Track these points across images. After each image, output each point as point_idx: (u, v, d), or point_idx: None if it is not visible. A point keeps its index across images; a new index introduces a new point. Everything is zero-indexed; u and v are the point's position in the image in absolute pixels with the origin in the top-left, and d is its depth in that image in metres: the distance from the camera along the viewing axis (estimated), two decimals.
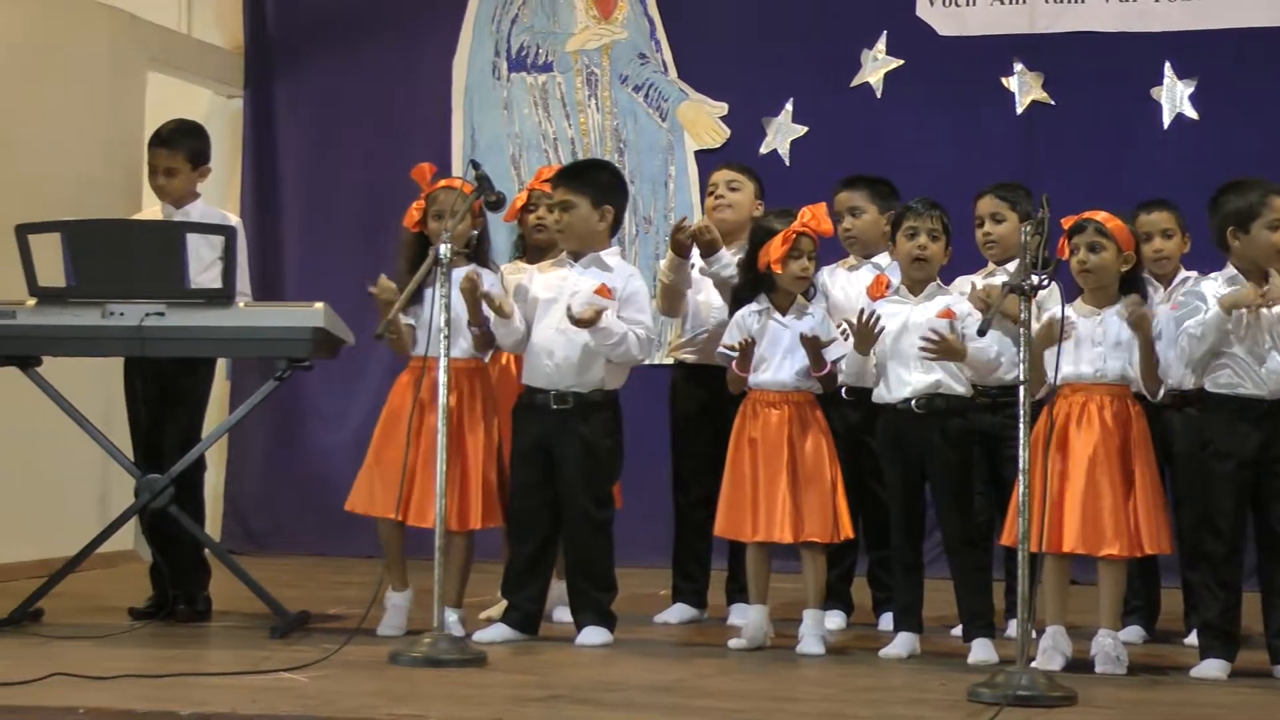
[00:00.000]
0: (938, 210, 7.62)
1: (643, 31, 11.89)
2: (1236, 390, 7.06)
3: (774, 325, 7.74)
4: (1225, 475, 7.14)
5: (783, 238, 7.65)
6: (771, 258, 7.67)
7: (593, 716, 5.85)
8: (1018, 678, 6.30)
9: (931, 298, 7.58)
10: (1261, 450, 7.09)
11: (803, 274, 7.73)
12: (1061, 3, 11.33)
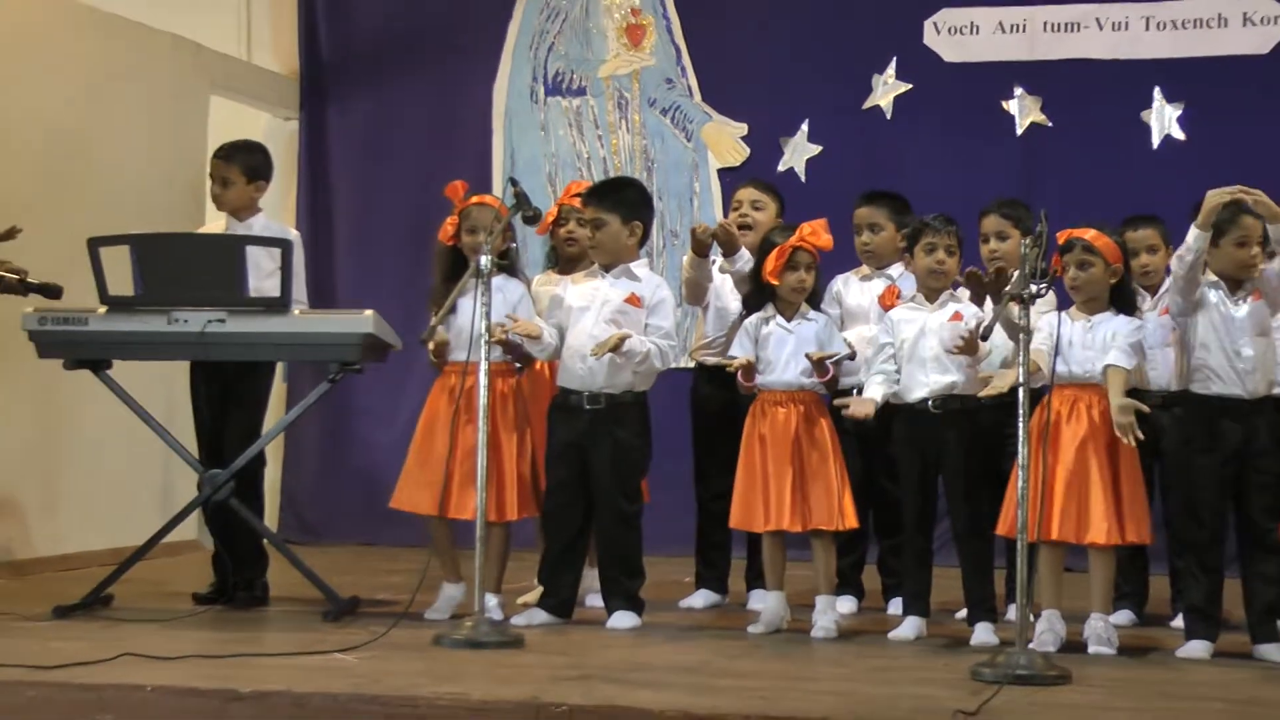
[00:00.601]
0: (953, 226, 7.66)
1: (669, 58, 11.89)
2: (1216, 391, 7.06)
3: (778, 331, 7.76)
4: (1207, 469, 7.17)
5: (779, 252, 7.69)
6: (769, 270, 7.70)
7: (623, 695, 5.83)
8: (1017, 658, 6.33)
9: (945, 305, 7.61)
10: (1241, 446, 7.11)
11: (799, 285, 7.74)
12: (1058, 32, 11.32)
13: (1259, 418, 7.16)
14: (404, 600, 7.64)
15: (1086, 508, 7.18)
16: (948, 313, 7.57)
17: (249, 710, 5.74)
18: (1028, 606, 6.63)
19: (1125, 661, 7.06)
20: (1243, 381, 7.11)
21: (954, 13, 11.44)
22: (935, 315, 7.60)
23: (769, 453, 7.69)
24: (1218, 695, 6.18)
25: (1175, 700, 6.06)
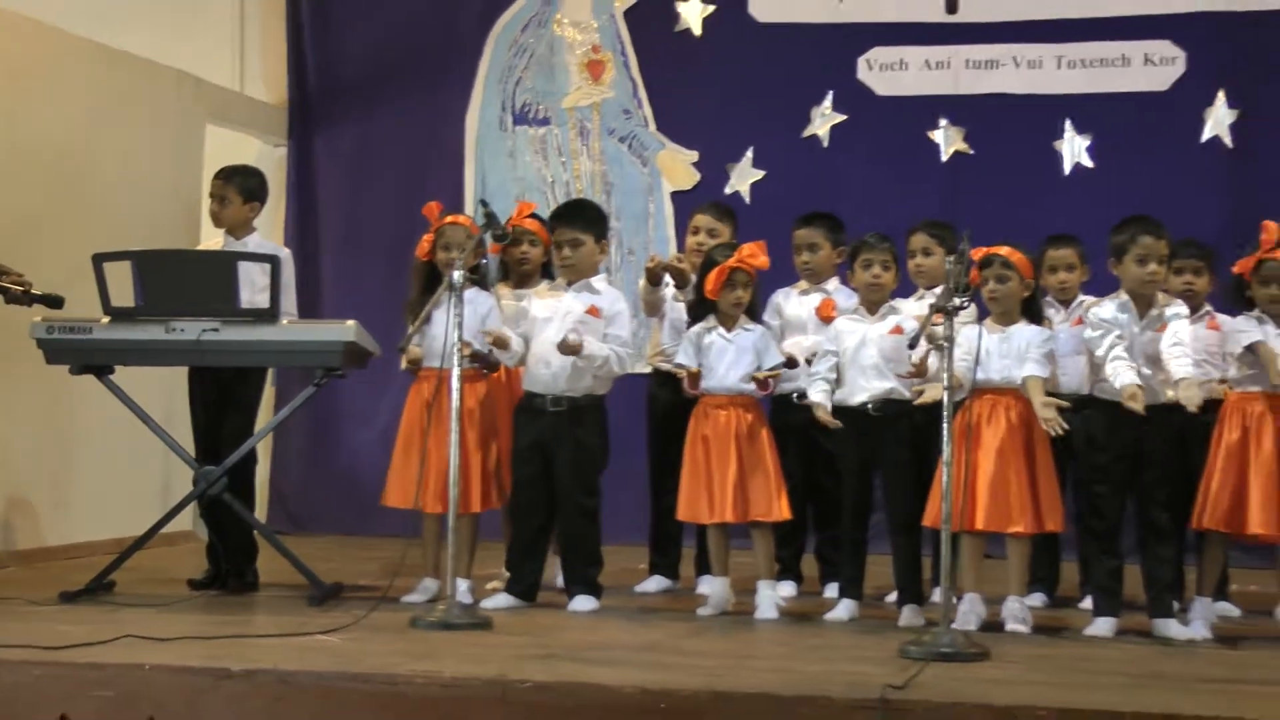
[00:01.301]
0: (888, 243, 7.73)
1: (627, 91, 11.89)
2: (1117, 396, 7.08)
3: (719, 341, 7.77)
4: (1106, 465, 7.22)
5: (718, 272, 7.72)
6: (710, 288, 7.72)
7: (583, 672, 5.83)
8: (941, 637, 6.37)
9: (884, 317, 7.67)
10: (1137, 446, 7.14)
11: (737, 301, 7.76)
12: (979, 69, 11.34)
13: (1159, 419, 7.19)
14: (383, 586, 7.64)
15: (1007, 500, 7.21)
16: (888, 324, 7.62)
17: (239, 687, 5.72)
18: (951, 590, 6.67)
19: (1039, 639, 7.08)
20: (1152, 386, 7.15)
21: (884, 51, 11.46)
22: (876, 326, 7.65)
23: (712, 451, 7.70)
24: (1121, 669, 6.19)
25: (1084, 673, 6.06)
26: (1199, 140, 11.03)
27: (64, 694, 5.80)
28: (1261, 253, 7.33)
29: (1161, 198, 9.74)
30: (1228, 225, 9.91)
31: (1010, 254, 7.35)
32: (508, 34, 12.10)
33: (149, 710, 5.74)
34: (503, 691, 5.57)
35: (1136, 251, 7.20)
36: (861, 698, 5.35)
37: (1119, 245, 7.26)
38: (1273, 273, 7.29)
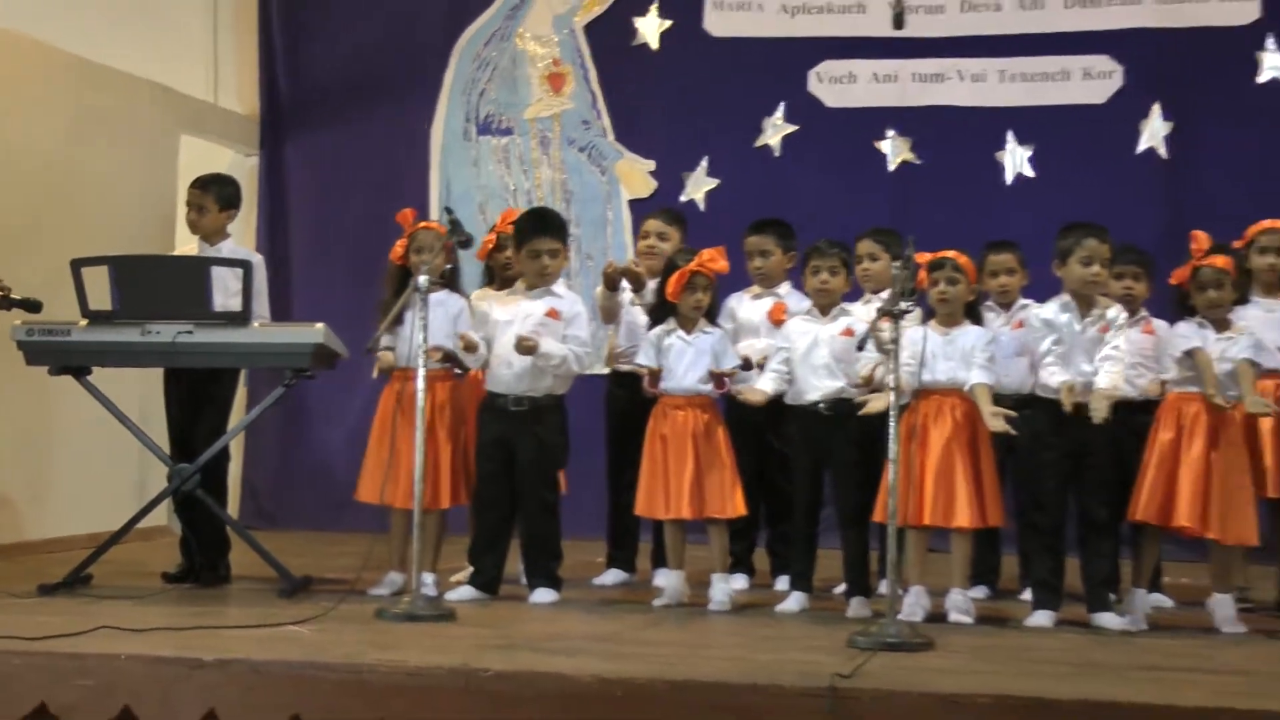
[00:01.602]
0: (837, 248, 7.74)
1: (586, 103, 11.90)
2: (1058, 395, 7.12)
3: (678, 343, 7.76)
4: (1051, 463, 7.24)
5: (679, 275, 7.73)
6: (671, 291, 7.74)
7: (543, 661, 5.83)
8: (888, 627, 6.39)
9: (836, 319, 7.68)
10: (1079, 444, 7.17)
11: (697, 305, 7.77)
12: (925, 81, 11.38)
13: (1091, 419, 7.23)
14: (350, 579, 7.64)
15: (953, 496, 7.24)
16: (839, 326, 7.64)
17: (212, 676, 5.70)
18: (897, 583, 6.70)
19: (981, 630, 7.11)
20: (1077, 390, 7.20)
21: (834, 64, 11.50)
22: (827, 328, 7.67)
23: (669, 450, 7.70)
24: (1060, 658, 6.22)
25: (1024, 663, 6.09)
26: (1135, 151, 11.09)
27: (43, 683, 5.78)
28: (1195, 261, 7.39)
29: (1100, 206, 9.77)
30: (1162, 233, 9.95)
31: (959, 257, 7.42)
32: (472, 48, 12.10)
33: (125, 699, 5.72)
34: (465, 680, 5.56)
35: (1081, 254, 7.26)
36: (811, 686, 5.35)
37: (1065, 248, 7.31)
38: (1207, 279, 7.35)
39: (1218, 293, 7.35)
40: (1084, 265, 7.26)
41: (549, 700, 5.49)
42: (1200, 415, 7.30)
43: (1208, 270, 7.35)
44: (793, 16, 11.59)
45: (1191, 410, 7.31)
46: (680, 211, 9.29)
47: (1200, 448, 7.26)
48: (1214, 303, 7.34)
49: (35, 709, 5.77)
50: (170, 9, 12.02)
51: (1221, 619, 7.25)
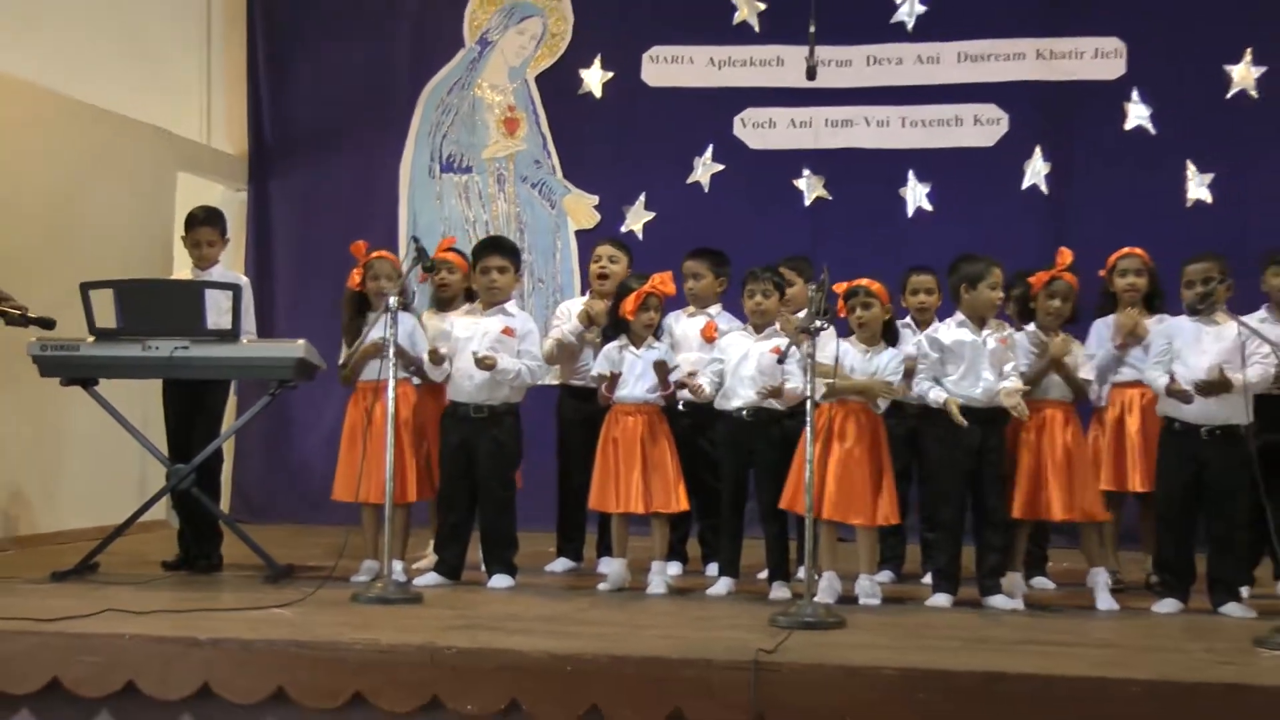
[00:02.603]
0: (770, 273, 7.78)
1: (538, 144, 11.89)
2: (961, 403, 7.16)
3: (630, 356, 7.77)
4: (952, 463, 7.26)
5: (635, 296, 7.75)
6: (627, 309, 7.74)
7: (500, 639, 5.81)
8: (805, 608, 6.39)
9: (769, 337, 7.69)
10: (978, 445, 7.22)
11: (649, 322, 7.80)
12: (836, 127, 11.41)
13: (992, 425, 7.26)
14: (328, 567, 7.61)
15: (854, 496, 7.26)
16: (769, 344, 7.63)
17: (206, 653, 5.69)
18: (813, 569, 6.70)
19: (887, 610, 7.12)
20: (979, 396, 7.23)
21: (756, 111, 11.51)
22: (759, 344, 7.68)
23: (620, 451, 7.70)
24: (956, 635, 6.23)
25: (924, 639, 6.11)
26: (1020, 188, 11.14)
27: (55, 659, 5.77)
28: (1055, 271, 7.48)
29: (989, 236, 9.85)
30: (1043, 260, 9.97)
31: (870, 284, 7.44)
32: (435, 95, 12.07)
33: (129, 674, 5.71)
34: (430, 656, 5.56)
35: (991, 280, 7.34)
36: (737, 660, 5.36)
37: (975, 273, 7.34)
38: (1059, 289, 7.48)
39: (1063, 304, 7.46)
40: (992, 290, 7.34)
41: (504, 673, 5.49)
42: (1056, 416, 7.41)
43: (1062, 282, 7.48)
44: (719, 69, 11.61)
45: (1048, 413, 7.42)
46: (625, 241, 9.30)
47: (1062, 445, 7.37)
48: (1058, 312, 7.47)
49: (49, 683, 5.76)
50: (168, 59, 11.98)
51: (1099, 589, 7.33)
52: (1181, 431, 7.22)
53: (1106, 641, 6.31)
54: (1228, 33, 10.94)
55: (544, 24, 11.96)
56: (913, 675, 5.29)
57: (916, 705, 5.22)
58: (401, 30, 12.10)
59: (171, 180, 11.35)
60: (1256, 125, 10.88)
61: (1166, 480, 7.37)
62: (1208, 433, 7.14)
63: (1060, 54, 11.21)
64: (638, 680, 5.40)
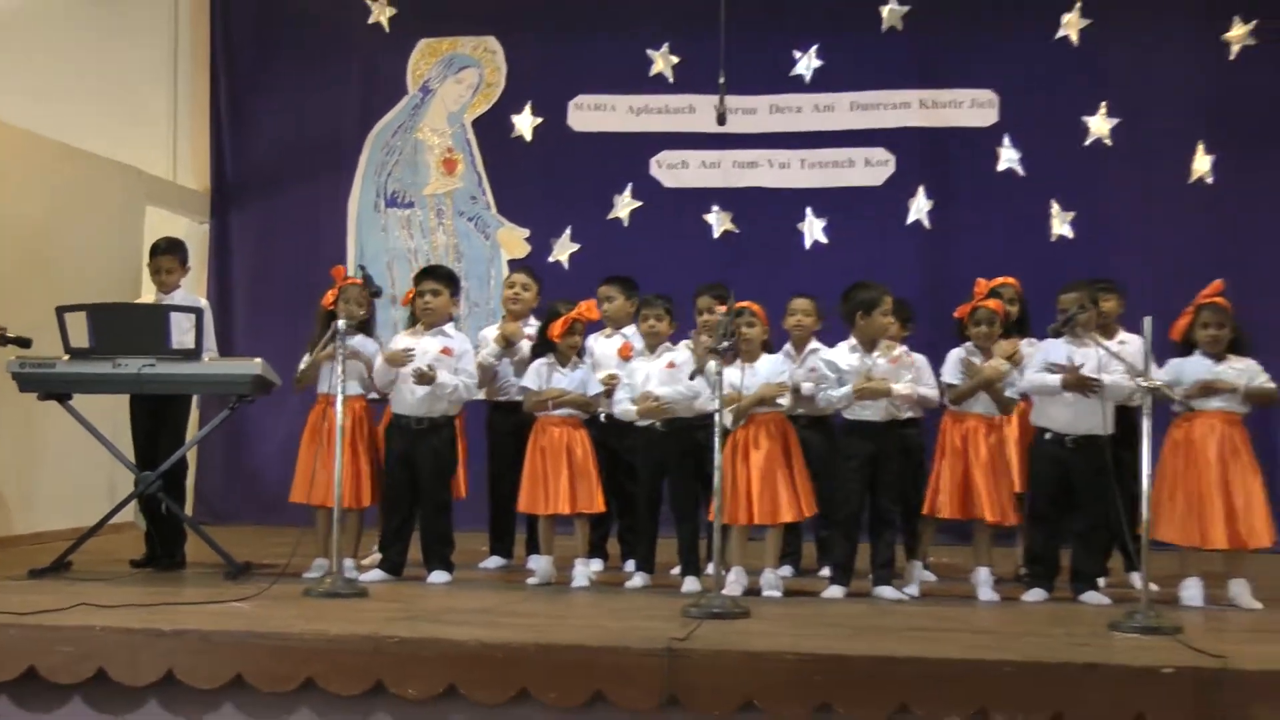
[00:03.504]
0: (663, 300, 7.83)
1: (474, 182, 11.88)
2: (858, 416, 7.24)
3: (556, 374, 7.79)
4: (852, 470, 7.32)
5: (562, 321, 7.80)
6: (555, 332, 7.77)
7: (439, 630, 5.79)
8: (714, 600, 6.40)
9: (661, 355, 7.73)
10: (873, 453, 7.26)
11: (573, 345, 7.85)
12: (742, 168, 11.46)
13: (888, 434, 7.33)
14: (282, 564, 7.54)
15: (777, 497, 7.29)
16: (664, 361, 7.70)
17: (170, 644, 5.64)
18: (721, 564, 6.71)
19: (788, 601, 7.14)
20: (874, 410, 7.28)
21: (671, 153, 11.55)
22: (654, 363, 7.73)
23: (547, 459, 7.72)
24: (849, 622, 6.27)
25: (821, 626, 6.14)
26: (905, 223, 11.22)
27: (32, 649, 5.70)
28: (975, 301, 7.56)
29: (878, 266, 9.89)
30: (926, 287, 10.11)
31: (753, 306, 7.51)
32: (381, 137, 12.04)
33: (100, 662, 5.65)
34: (375, 645, 5.53)
35: (884, 307, 7.41)
36: (653, 648, 5.36)
37: (869, 300, 7.41)
38: (983, 316, 7.56)
39: (989, 328, 7.52)
40: (884, 316, 7.40)
41: (442, 660, 5.47)
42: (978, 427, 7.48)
43: (983, 310, 7.55)
44: (638, 115, 11.63)
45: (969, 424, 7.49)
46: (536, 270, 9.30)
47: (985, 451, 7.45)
48: (986, 335, 7.53)
49: (26, 670, 5.69)
50: (138, 103, 11.91)
51: (982, 584, 7.40)
52: (1050, 440, 7.36)
53: (982, 627, 6.36)
54: (1086, 88, 11.11)
55: (480, 74, 11.95)
56: (810, 660, 5.30)
57: (813, 687, 5.24)
58: (351, 78, 12.06)
59: (140, 213, 11.25)
60: (1110, 170, 11.04)
61: (1036, 483, 7.49)
62: (1072, 441, 7.27)
63: (940, 104, 11.31)
64: (563, 666, 5.39)
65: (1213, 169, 10.94)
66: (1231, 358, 7.32)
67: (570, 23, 11.69)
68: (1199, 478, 7.17)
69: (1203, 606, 7.10)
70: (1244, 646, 5.72)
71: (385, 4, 12.04)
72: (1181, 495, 7.19)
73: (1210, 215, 10.86)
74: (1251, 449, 7.28)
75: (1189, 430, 7.25)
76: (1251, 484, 7.18)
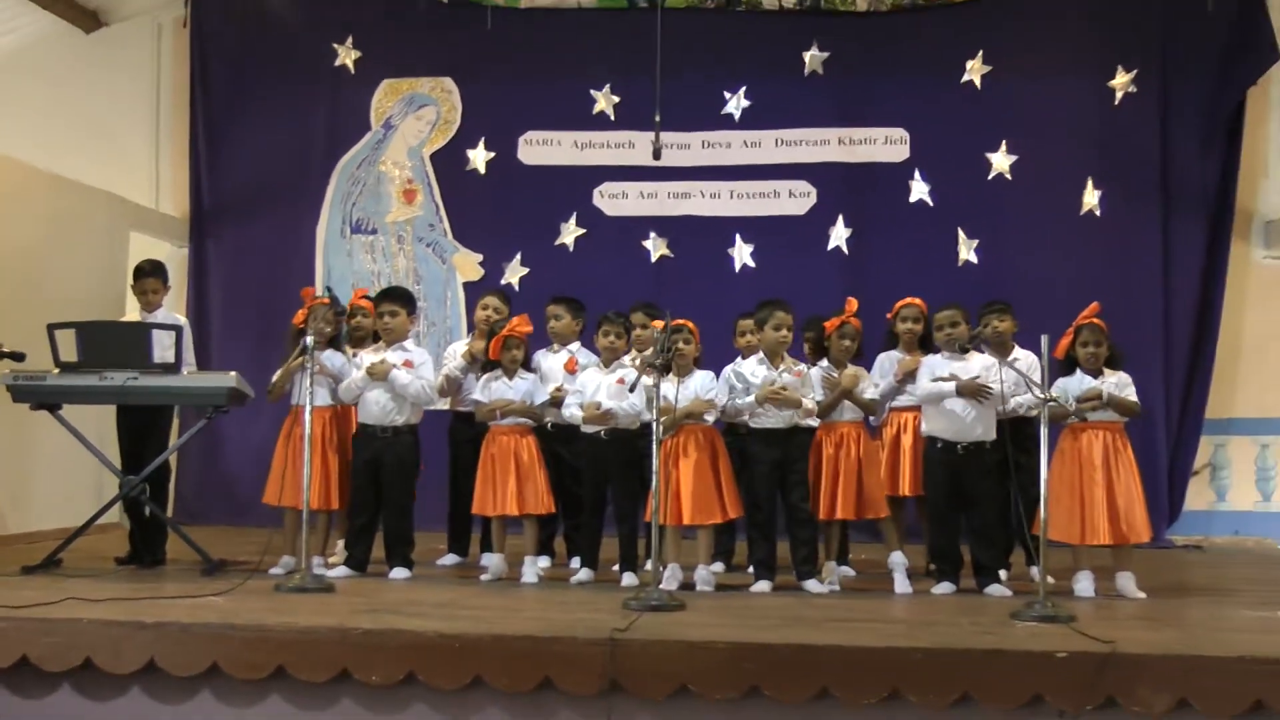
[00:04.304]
0: (621, 318, 7.85)
1: (432, 211, 11.85)
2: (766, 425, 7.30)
3: (502, 386, 7.80)
4: (763, 474, 7.35)
5: (497, 339, 7.86)
6: (493, 351, 7.89)
7: (400, 622, 5.75)
8: (652, 593, 6.39)
9: (615, 370, 7.71)
10: (780, 458, 7.33)
11: (513, 360, 7.87)
12: (677, 198, 11.50)
13: (792, 440, 7.36)
14: (255, 561, 7.52)
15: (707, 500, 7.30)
16: (616, 376, 7.66)
17: (151, 635, 5.59)
18: (659, 561, 6.71)
19: (720, 595, 7.14)
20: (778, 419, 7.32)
21: (612, 185, 11.58)
22: (608, 376, 7.69)
23: (498, 465, 7.71)
24: (775, 614, 6.26)
25: (749, 618, 6.13)
26: (826, 249, 11.29)
27: (24, 639, 5.63)
28: (843, 317, 7.63)
29: (800, 289, 9.91)
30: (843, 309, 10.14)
31: (689, 324, 7.51)
32: (347, 169, 12.00)
33: (86, 652, 5.59)
34: (341, 636, 5.50)
35: (774, 322, 7.42)
36: (596, 638, 5.36)
37: (762, 317, 7.48)
38: (848, 332, 7.69)
39: (851, 343, 7.67)
40: (775, 330, 7.41)
41: (403, 650, 5.45)
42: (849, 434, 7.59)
43: (848, 326, 7.69)
44: (581, 150, 11.65)
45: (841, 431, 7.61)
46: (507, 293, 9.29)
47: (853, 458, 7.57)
48: (848, 350, 7.70)
49: (19, 659, 5.63)
50: (122, 137, 11.89)
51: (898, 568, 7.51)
52: (941, 447, 7.40)
53: (895, 618, 6.38)
54: (988, 127, 11.24)
55: (438, 111, 11.93)
56: (740, 648, 5.32)
57: (743, 673, 5.26)
58: (319, 115, 12.01)
59: (124, 238, 11.17)
60: (1010, 202, 11.16)
61: (932, 486, 7.53)
62: (962, 448, 7.33)
63: (857, 141, 11.39)
64: (514, 654, 5.38)
65: (1100, 202, 11.07)
66: (1108, 372, 7.44)
67: (520, 66, 11.71)
68: (1085, 481, 7.29)
69: (1094, 597, 7.18)
70: (1130, 633, 5.79)
71: (350, 47, 12.00)
72: (1070, 497, 7.30)
73: (1098, 244, 11.00)
74: (1132, 454, 7.39)
75: (1076, 440, 7.36)
76: (1131, 486, 7.31)
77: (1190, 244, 10.99)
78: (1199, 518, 10.99)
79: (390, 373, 7.71)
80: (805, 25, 11.49)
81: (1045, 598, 6.21)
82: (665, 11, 11.24)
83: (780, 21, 11.51)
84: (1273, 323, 11.05)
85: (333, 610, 6.09)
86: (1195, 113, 11.02)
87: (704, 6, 11.57)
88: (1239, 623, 6.29)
